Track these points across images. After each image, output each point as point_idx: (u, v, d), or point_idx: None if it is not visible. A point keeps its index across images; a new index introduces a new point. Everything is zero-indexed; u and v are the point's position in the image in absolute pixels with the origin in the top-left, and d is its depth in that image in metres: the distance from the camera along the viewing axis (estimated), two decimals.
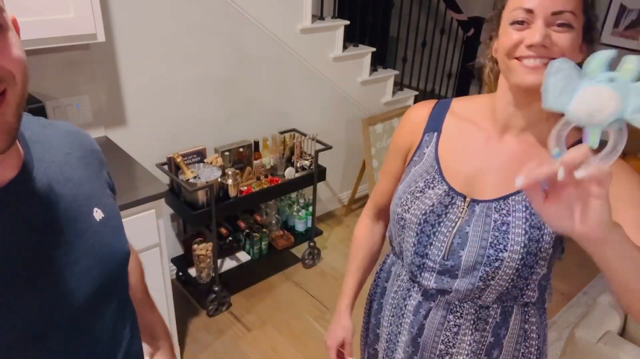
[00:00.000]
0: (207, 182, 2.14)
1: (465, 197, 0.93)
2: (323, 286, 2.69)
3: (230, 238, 2.53)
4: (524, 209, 0.88)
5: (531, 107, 0.87)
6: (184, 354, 2.22)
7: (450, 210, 0.93)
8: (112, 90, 2.08)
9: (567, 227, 0.59)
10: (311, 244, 2.78)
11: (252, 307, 2.51)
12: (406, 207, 0.97)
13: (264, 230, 2.59)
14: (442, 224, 0.93)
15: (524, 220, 0.87)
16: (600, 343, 1.70)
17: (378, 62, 3.32)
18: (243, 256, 2.58)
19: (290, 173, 2.53)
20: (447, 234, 0.93)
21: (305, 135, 2.62)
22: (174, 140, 2.35)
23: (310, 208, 2.75)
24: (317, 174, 2.60)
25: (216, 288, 2.38)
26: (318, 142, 2.58)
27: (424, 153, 0.99)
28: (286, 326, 2.41)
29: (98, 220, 0.74)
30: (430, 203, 0.94)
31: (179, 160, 2.18)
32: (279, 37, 2.56)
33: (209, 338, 2.31)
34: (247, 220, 2.57)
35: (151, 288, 1.80)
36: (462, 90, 3.98)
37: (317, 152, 2.54)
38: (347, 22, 2.86)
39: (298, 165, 2.59)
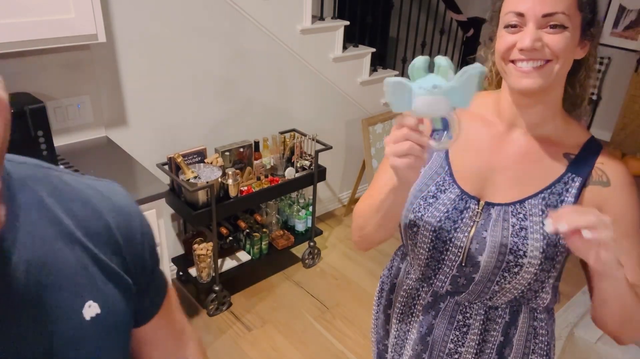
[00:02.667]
0: (207, 182, 2.15)
1: (478, 200, 0.91)
2: (323, 285, 2.70)
3: (230, 238, 2.53)
4: (540, 213, 0.87)
5: (534, 108, 0.87)
6: None
7: (465, 215, 0.91)
8: (113, 90, 2.09)
9: (586, 259, 0.74)
10: (311, 244, 2.78)
11: (252, 307, 2.52)
12: (419, 214, 0.94)
13: (264, 229, 2.59)
14: (458, 229, 0.91)
15: (541, 224, 0.87)
16: (599, 343, 1.71)
17: (378, 62, 3.32)
18: (243, 256, 2.58)
19: (290, 173, 2.54)
20: (464, 239, 0.91)
21: (305, 135, 2.63)
22: (174, 140, 2.36)
23: (310, 208, 2.76)
24: (317, 174, 2.61)
25: (216, 288, 2.38)
26: (318, 142, 2.59)
27: (432, 152, 0.98)
28: (286, 326, 2.41)
29: (89, 318, 0.56)
30: (445, 209, 0.92)
31: (179, 160, 2.18)
32: (279, 38, 2.56)
33: (209, 338, 2.32)
34: (247, 219, 2.58)
35: None
36: None
37: (317, 152, 2.54)
38: (347, 23, 2.86)
39: (298, 165, 2.59)
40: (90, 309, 0.56)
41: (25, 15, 1.45)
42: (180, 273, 2.61)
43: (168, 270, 1.86)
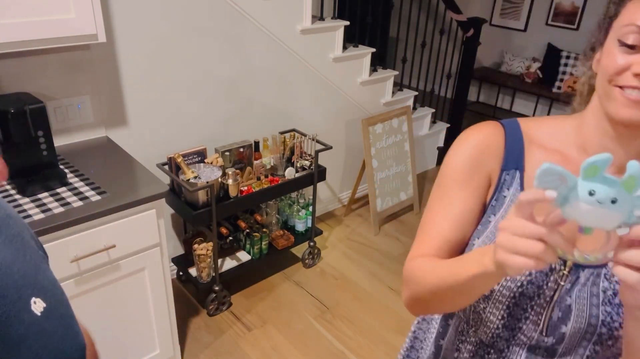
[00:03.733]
0: (207, 182, 2.15)
1: (565, 261, 0.75)
2: (323, 285, 2.70)
3: (230, 238, 2.53)
4: None
5: (634, 142, 0.70)
6: (184, 354, 2.22)
7: (550, 278, 0.75)
8: (113, 90, 2.09)
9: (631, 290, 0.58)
10: (311, 244, 2.78)
11: (252, 307, 2.52)
12: None
13: (264, 229, 2.60)
14: (541, 295, 0.76)
15: None
16: None
17: (378, 62, 3.32)
18: (243, 256, 2.58)
19: (290, 173, 2.54)
20: (545, 306, 0.76)
21: (305, 135, 2.63)
22: (174, 140, 2.36)
23: (310, 208, 2.76)
24: (317, 174, 2.61)
25: (216, 288, 2.38)
26: (318, 142, 2.59)
27: (504, 197, 0.78)
28: (286, 326, 2.41)
29: (39, 314, 0.56)
30: (527, 272, 0.75)
31: (179, 160, 2.18)
32: (279, 38, 2.56)
33: (210, 338, 2.32)
34: (247, 219, 2.58)
35: (152, 288, 1.81)
36: (461, 90, 3.98)
37: (317, 152, 2.54)
38: (347, 23, 2.87)
39: (298, 165, 2.59)
40: (37, 305, 0.56)
41: (26, 15, 1.45)
42: (180, 273, 2.61)
43: (168, 270, 1.86)
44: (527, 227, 0.54)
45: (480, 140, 0.79)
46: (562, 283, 0.75)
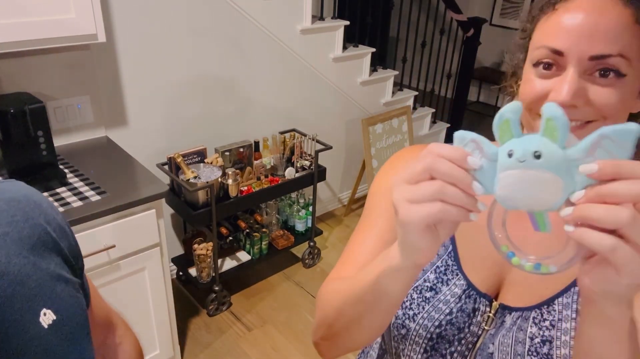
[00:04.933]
0: (207, 182, 2.15)
1: (491, 300, 0.66)
2: None
3: (230, 238, 2.53)
4: (575, 315, 0.61)
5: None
6: (184, 354, 2.22)
7: (474, 320, 0.66)
8: (113, 90, 2.09)
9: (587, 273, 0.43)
10: (311, 244, 2.78)
11: (252, 307, 2.52)
12: (410, 312, 0.68)
13: (264, 229, 2.59)
14: (462, 341, 0.67)
15: (572, 333, 0.60)
16: None
17: (378, 62, 3.32)
18: (243, 256, 2.58)
19: (290, 173, 2.54)
20: (466, 353, 0.67)
21: (305, 135, 2.63)
22: (174, 140, 2.36)
23: (310, 208, 2.76)
24: (317, 174, 2.61)
25: (216, 288, 2.38)
26: (318, 142, 2.59)
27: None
28: (286, 326, 2.41)
29: (46, 326, 0.55)
30: (448, 310, 0.66)
31: (179, 160, 2.18)
32: (279, 38, 2.56)
33: (209, 338, 2.32)
34: (247, 219, 2.58)
35: (151, 288, 1.81)
36: (461, 90, 3.98)
37: (317, 152, 2.54)
38: (347, 23, 2.86)
39: (298, 165, 2.59)
40: (46, 317, 0.55)
41: (26, 15, 1.45)
42: (180, 273, 2.61)
43: (168, 270, 1.86)
44: (416, 168, 0.45)
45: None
46: (486, 328, 0.65)
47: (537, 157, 0.40)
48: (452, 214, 0.43)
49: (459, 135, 0.45)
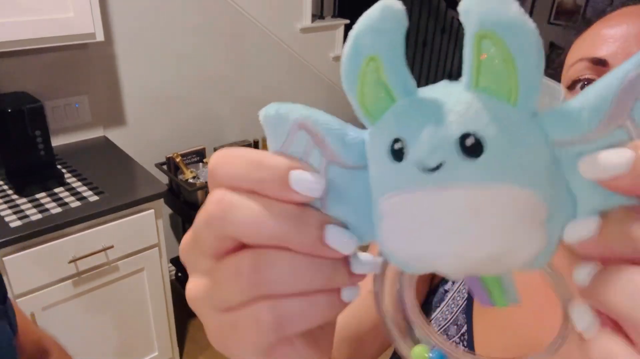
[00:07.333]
0: (206, 182, 2.14)
1: None
2: None
3: None
4: None
5: None
6: (184, 355, 2.21)
7: None
8: (111, 89, 2.08)
9: None
10: None
11: None
12: None
13: None
14: None
15: None
16: None
17: None
18: None
19: None
20: None
21: None
22: (173, 140, 2.35)
23: None
24: None
25: None
26: None
27: (445, 291, 0.58)
28: None
29: None
30: None
31: (178, 160, 2.17)
32: (278, 37, 2.55)
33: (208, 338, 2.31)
34: None
35: (150, 289, 1.80)
36: None
37: None
38: (347, 21, 2.85)
39: None
40: None
41: (23, 14, 1.44)
42: (179, 274, 2.60)
43: (167, 270, 1.85)
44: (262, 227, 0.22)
45: None
46: None
47: (472, 150, 0.18)
48: (294, 319, 0.22)
49: (270, 114, 0.24)
